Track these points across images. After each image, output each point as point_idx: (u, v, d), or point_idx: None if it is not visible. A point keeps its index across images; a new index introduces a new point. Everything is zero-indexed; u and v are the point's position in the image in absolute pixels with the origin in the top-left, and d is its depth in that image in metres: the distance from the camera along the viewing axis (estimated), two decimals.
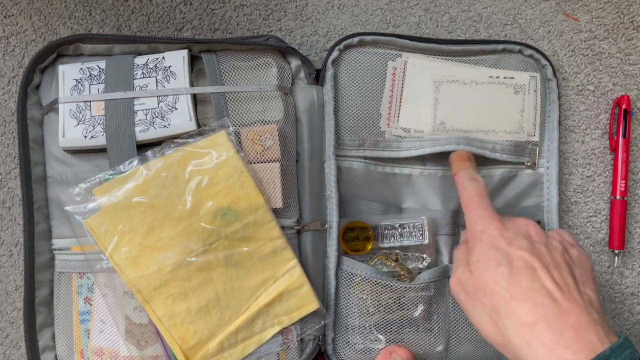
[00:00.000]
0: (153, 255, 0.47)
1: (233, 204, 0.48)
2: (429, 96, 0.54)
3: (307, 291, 0.49)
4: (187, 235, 0.47)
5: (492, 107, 0.55)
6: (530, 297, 0.39)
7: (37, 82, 0.51)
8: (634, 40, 0.60)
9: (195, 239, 0.47)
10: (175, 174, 0.47)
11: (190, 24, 0.58)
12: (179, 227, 0.47)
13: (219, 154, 0.48)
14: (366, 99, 0.54)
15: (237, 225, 0.48)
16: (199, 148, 0.48)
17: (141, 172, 0.47)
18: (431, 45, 0.54)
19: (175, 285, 0.47)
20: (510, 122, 0.55)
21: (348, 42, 0.53)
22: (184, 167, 0.47)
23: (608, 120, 0.60)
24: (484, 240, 0.43)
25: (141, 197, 0.47)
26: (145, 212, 0.47)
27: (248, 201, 0.48)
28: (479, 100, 0.55)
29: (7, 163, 0.56)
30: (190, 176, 0.47)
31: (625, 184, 0.58)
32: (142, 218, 0.47)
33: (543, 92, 0.56)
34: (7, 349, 0.56)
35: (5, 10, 0.56)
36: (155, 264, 0.46)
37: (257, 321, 0.48)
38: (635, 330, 0.60)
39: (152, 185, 0.47)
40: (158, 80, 0.49)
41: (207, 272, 0.47)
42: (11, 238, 0.56)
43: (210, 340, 0.47)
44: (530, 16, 0.60)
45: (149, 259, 0.47)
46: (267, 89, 0.51)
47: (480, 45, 0.55)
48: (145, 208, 0.47)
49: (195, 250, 0.47)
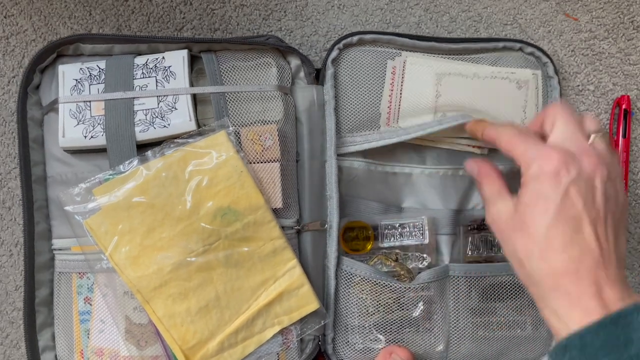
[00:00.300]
0: (153, 255, 0.47)
1: (233, 204, 0.48)
2: (430, 89, 0.54)
3: (307, 291, 0.49)
4: (187, 235, 0.47)
5: (495, 102, 0.54)
6: (568, 249, 0.38)
7: (37, 82, 0.51)
8: (634, 40, 0.60)
9: (195, 239, 0.47)
10: (175, 174, 0.47)
11: (190, 24, 0.58)
12: (179, 227, 0.47)
13: (218, 154, 0.48)
14: (366, 97, 0.54)
15: (237, 225, 0.48)
16: (199, 148, 0.48)
17: (141, 172, 0.47)
18: (431, 43, 0.54)
19: (175, 285, 0.47)
20: (512, 118, 0.55)
21: (348, 41, 0.53)
22: (184, 167, 0.47)
23: (608, 120, 0.60)
24: (542, 181, 0.40)
25: (141, 197, 0.47)
26: (145, 212, 0.47)
27: (248, 201, 0.48)
28: (481, 95, 0.54)
29: (7, 163, 0.56)
30: (190, 176, 0.47)
31: (625, 184, 0.58)
32: (142, 218, 0.47)
33: (545, 90, 0.56)
34: (7, 349, 0.56)
35: (5, 10, 0.56)
36: (155, 264, 0.46)
37: (257, 321, 0.48)
38: None
39: (152, 185, 0.47)
40: (158, 80, 0.49)
41: (207, 272, 0.47)
42: (11, 238, 0.56)
43: (210, 340, 0.47)
44: (530, 16, 0.60)
45: (149, 259, 0.47)
46: (267, 89, 0.51)
47: (481, 44, 0.55)
48: (145, 208, 0.47)
49: (195, 250, 0.47)
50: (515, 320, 0.54)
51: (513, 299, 0.54)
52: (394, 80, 0.54)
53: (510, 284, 0.54)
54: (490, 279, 0.54)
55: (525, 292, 0.54)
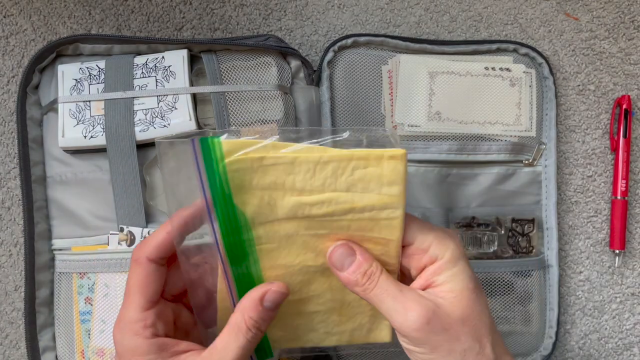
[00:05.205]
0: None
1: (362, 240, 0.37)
2: (424, 87, 0.54)
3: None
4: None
5: (488, 99, 0.55)
6: None
7: (36, 82, 0.51)
8: (635, 40, 0.60)
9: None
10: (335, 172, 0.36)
11: (190, 24, 0.58)
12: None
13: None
14: (363, 98, 0.54)
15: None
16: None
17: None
18: (424, 46, 0.55)
19: (299, 251, 0.37)
20: (507, 114, 0.55)
21: (342, 44, 0.54)
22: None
23: (609, 120, 0.60)
24: None
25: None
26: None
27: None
28: (474, 92, 0.54)
29: (7, 163, 0.56)
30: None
31: (626, 184, 0.58)
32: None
33: (539, 89, 0.56)
34: (6, 349, 0.56)
35: (4, 9, 0.56)
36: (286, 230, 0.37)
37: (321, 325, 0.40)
38: (636, 331, 0.60)
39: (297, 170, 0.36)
40: (158, 80, 0.49)
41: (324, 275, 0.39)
42: (11, 238, 0.56)
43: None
44: (530, 16, 0.60)
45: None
46: (267, 89, 0.51)
47: (474, 46, 0.56)
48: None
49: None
50: (505, 316, 0.55)
51: (502, 295, 0.55)
52: (392, 84, 0.54)
53: (500, 281, 0.55)
54: (479, 276, 0.54)
55: (515, 289, 0.55)
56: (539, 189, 0.57)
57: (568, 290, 0.59)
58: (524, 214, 0.56)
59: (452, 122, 0.54)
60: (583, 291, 0.60)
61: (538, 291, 0.56)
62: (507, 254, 0.56)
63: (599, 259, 0.60)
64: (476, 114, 0.54)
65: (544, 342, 0.57)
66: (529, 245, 0.56)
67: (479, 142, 0.54)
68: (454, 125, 0.54)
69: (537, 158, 0.56)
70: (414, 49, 0.55)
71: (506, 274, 0.55)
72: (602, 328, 0.60)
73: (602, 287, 0.60)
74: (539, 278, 0.56)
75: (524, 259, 0.56)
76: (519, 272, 0.55)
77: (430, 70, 0.54)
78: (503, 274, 0.55)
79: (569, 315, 0.59)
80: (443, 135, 0.54)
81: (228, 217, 0.35)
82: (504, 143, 0.54)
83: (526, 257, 0.56)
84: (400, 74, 0.54)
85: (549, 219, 0.57)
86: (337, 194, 0.36)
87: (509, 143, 0.54)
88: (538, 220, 0.56)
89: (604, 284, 0.60)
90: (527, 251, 0.56)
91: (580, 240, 0.60)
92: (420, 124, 0.54)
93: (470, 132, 0.54)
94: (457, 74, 0.54)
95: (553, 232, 0.57)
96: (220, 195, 0.35)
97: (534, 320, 0.56)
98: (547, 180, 0.57)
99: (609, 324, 0.60)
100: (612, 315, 0.60)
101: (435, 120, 0.54)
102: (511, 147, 0.54)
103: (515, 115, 0.55)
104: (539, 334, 0.56)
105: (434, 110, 0.54)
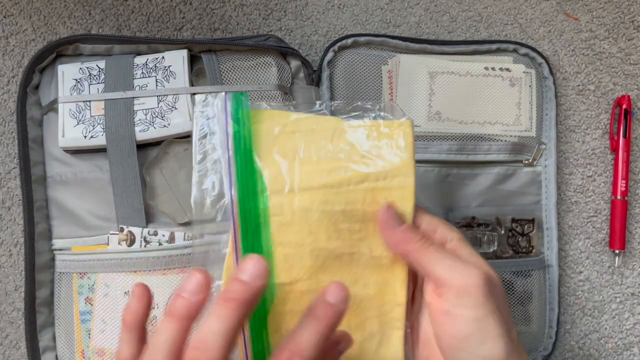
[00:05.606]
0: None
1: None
2: (424, 87, 0.54)
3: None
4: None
5: (488, 99, 0.55)
6: None
7: (36, 82, 0.51)
8: (635, 40, 0.60)
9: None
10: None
11: (190, 24, 0.58)
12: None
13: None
14: (362, 99, 0.54)
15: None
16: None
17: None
18: (423, 46, 0.55)
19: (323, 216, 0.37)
20: (507, 114, 0.55)
21: (342, 44, 0.54)
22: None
23: (609, 120, 0.60)
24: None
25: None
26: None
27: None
28: (474, 92, 0.54)
29: (7, 163, 0.56)
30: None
31: (625, 184, 0.58)
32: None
33: (539, 89, 0.56)
34: (6, 350, 0.56)
35: (4, 10, 0.56)
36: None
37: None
38: (635, 331, 0.60)
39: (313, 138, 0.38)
40: (158, 80, 0.49)
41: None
42: (11, 238, 0.56)
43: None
44: (530, 16, 0.60)
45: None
46: (267, 89, 0.51)
47: (474, 46, 0.56)
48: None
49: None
50: None
51: None
52: (392, 84, 0.54)
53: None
54: None
55: (515, 289, 0.55)
56: (538, 189, 0.57)
57: (568, 290, 0.60)
58: (524, 214, 0.56)
59: (452, 122, 0.54)
60: (583, 291, 0.60)
61: (538, 291, 0.56)
62: (507, 254, 0.56)
63: (599, 259, 0.60)
64: (476, 114, 0.54)
65: (544, 342, 0.57)
66: (529, 245, 0.56)
67: (478, 142, 0.54)
68: (454, 125, 0.54)
69: (537, 158, 0.56)
70: (414, 49, 0.55)
71: (506, 274, 0.55)
72: (602, 328, 0.60)
73: (602, 287, 0.60)
74: (539, 278, 0.56)
75: (524, 259, 0.56)
76: (519, 272, 0.55)
77: (430, 70, 0.54)
78: (503, 274, 0.55)
79: (569, 315, 0.60)
80: (443, 135, 0.54)
81: (246, 177, 0.36)
82: (504, 143, 0.54)
83: (526, 257, 0.56)
84: (400, 74, 0.54)
85: (549, 219, 0.57)
86: (353, 161, 0.37)
87: (509, 143, 0.54)
88: (538, 220, 0.56)
89: (604, 284, 0.60)
90: (527, 251, 0.56)
91: (580, 240, 0.60)
92: (420, 124, 0.54)
93: (470, 132, 0.54)
94: (457, 74, 0.54)
95: (553, 232, 0.57)
96: (242, 151, 0.36)
97: (534, 320, 0.56)
98: (547, 180, 0.57)
99: (609, 324, 0.60)
100: (612, 315, 0.60)
101: (435, 120, 0.54)
102: (511, 147, 0.55)
103: (515, 115, 0.55)
104: (539, 333, 0.57)
105: (434, 110, 0.54)
